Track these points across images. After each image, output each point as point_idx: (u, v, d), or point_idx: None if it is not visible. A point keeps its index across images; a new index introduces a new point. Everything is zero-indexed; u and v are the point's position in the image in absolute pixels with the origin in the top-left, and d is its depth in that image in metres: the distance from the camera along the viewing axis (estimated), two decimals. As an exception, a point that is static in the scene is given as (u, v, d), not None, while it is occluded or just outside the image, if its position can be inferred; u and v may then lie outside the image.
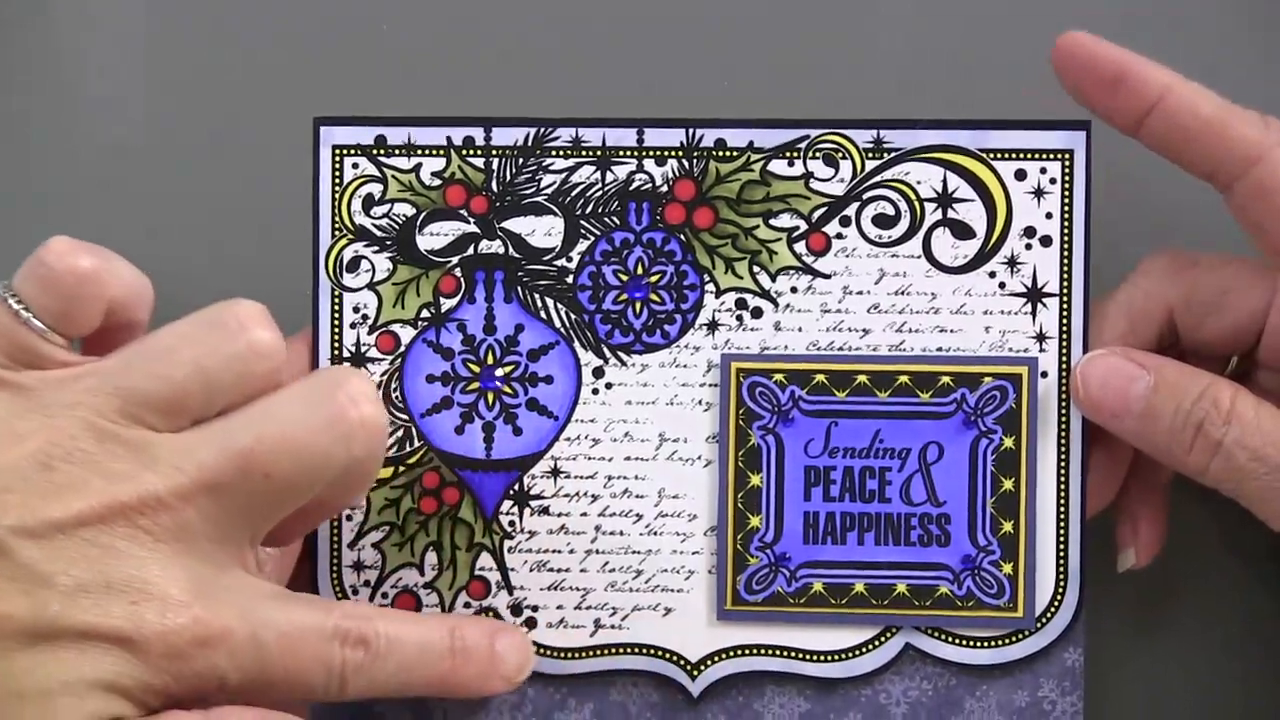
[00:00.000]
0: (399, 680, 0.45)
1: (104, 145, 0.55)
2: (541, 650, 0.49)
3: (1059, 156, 0.49)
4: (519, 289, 0.49)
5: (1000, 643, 0.49)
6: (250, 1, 0.55)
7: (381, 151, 0.50)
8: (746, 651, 0.49)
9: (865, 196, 0.49)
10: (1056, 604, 0.49)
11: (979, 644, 0.49)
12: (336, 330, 0.50)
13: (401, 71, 0.54)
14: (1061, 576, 0.49)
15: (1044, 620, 0.49)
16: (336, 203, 0.50)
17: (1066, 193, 0.49)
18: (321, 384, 0.43)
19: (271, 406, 0.43)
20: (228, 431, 0.42)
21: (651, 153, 0.49)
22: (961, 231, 0.49)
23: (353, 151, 0.50)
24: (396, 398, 0.50)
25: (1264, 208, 0.47)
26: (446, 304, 0.50)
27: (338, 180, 0.49)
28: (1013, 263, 0.49)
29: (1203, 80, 0.47)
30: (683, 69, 0.54)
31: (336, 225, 0.50)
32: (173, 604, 0.41)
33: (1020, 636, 0.49)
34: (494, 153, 0.49)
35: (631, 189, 0.49)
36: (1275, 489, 0.46)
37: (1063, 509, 0.49)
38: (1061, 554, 0.49)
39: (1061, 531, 0.49)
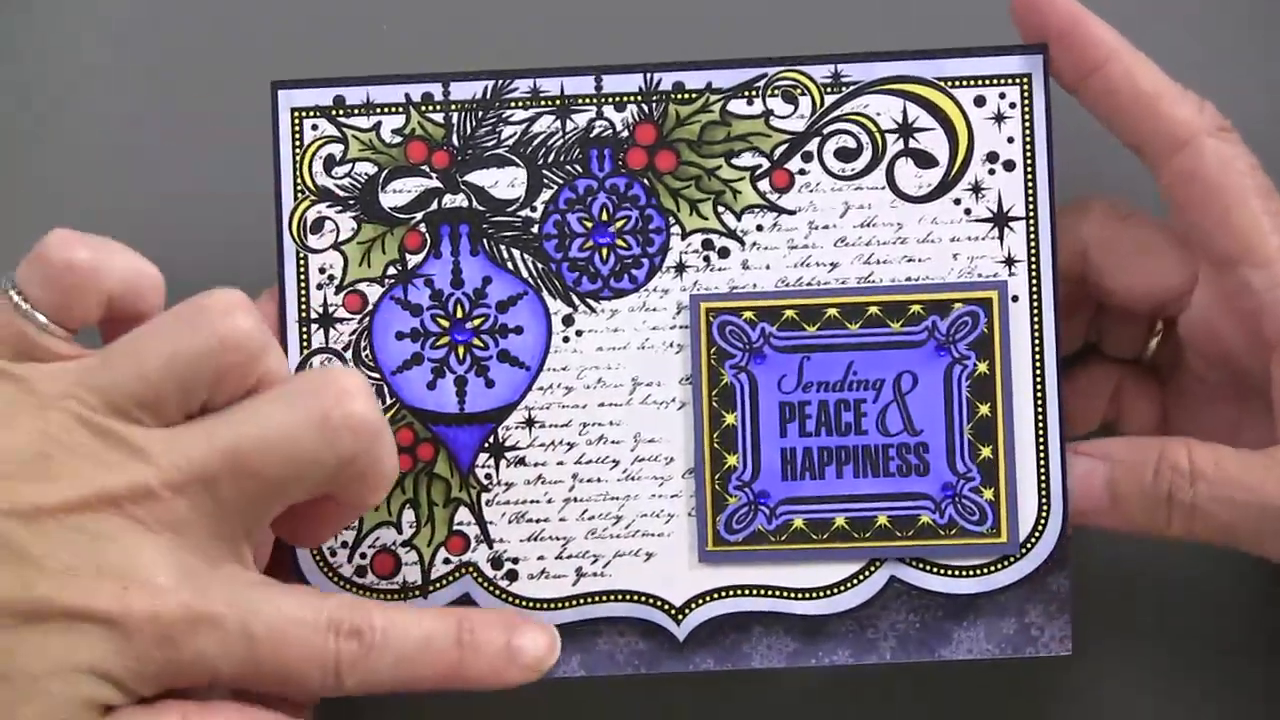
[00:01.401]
0: (401, 674, 0.44)
1: (66, 116, 0.55)
2: (524, 602, 0.49)
3: (1017, 81, 0.49)
4: (485, 241, 0.49)
5: (985, 570, 0.48)
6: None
7: (340, 112, 0.49)
8: (730, 593, 0.49)
9: (826, 131, 0.49)
10: (1040, 529, 0.48)
11: (964, 573, 0.48)
12: (303, 292, 0.49)
13: (357, 32, 0.54)
14: (1044, 500, 0.48)
15: (1028, 546, 0.48)
16: (297, 165, 0.49)
17: (1027, 116, 0.49)
18: (310, 383, 0.43)
19: (260, 404, 0.43)
20: (216, 427, 0.42)
21: (610, 99, 0.49)
22: (924, 161, 0.49)
23: (312, 113, 0.49)
24: (366, 356, 0.49)
25: (1185, 193, 0.47)
26: (413, 260, 0.49)
27: (298, 142, 0.49)
28: (977, 189, 0.49)
29: (1204, 79, 0.47)
30: (638, 13, 0.54)
31: (299, 187, 0.49)
32: (161, 589, 0.41)
33: (1005, 563, 0.48)
34: (453, 107, 0.49)
35: (592, 136, 0.49)
36: (1263, 528, 0.45)
37: (1041, 432, 0.48)
38: (1043, 478, 0.48)
39: (1042, 455, 0.48)
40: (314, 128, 0.49)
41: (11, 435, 0.41)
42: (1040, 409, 0.48)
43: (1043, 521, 0.48)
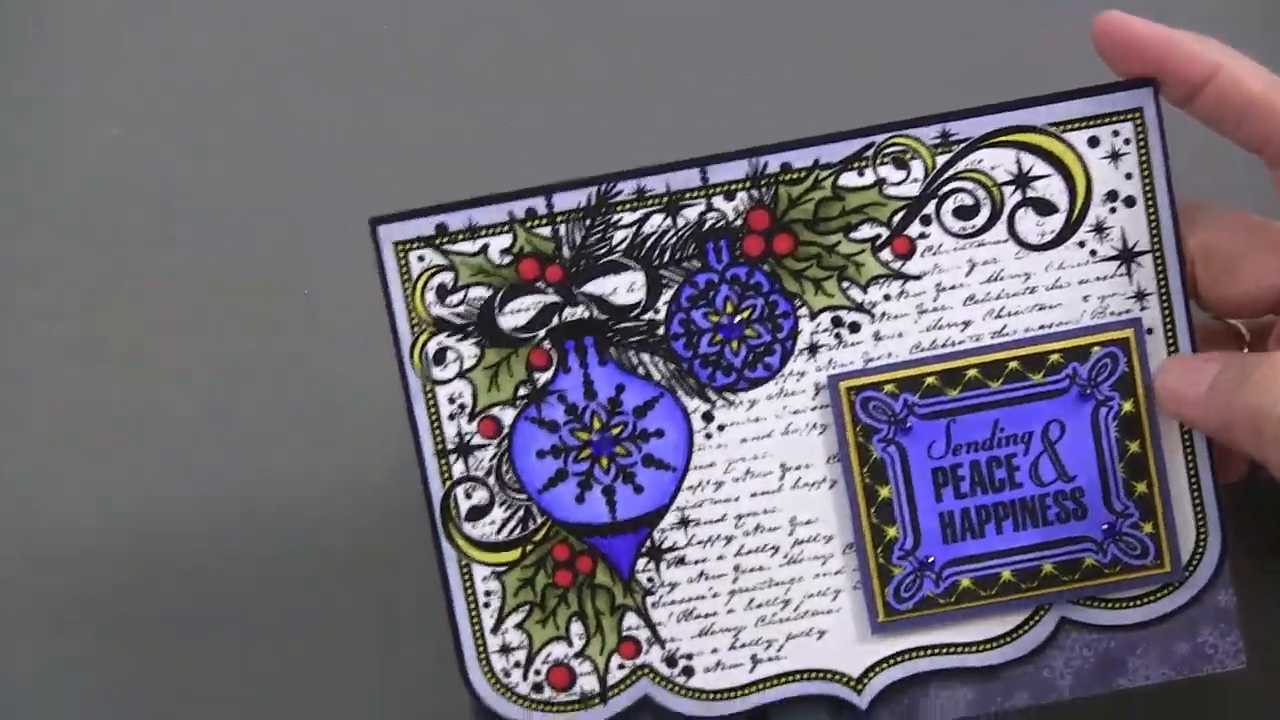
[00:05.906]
0: None
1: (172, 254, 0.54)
2: (704, 695, 0.50)
3: (1129, 116, 0.48)
4: (612, 349, 0.49)
5: (1152, 598, 0.49)
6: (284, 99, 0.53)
7: (444, 239, 0.48)
8: (906, 656, 0.50)
9: (942, 192, 0.48)
10: (1200, 551, 0.49)
11: (1131, 603, 0.49)
12: (436, 424, 0.49)
13: (453, 157, 0.53)
14: (1201, 523, 0.49)
15: (1190, 569, 0.49)
16: (409, 298, 0.48)
17: (1142, 150, 0.48)
18: None
19: None
20: None
21: (718, 189, 0.48)
22: (1044, 208, 0.48)
23: (415, 245, 0.48)
24: (510, 479, 0.49)
25: None
26: (542, 378, 0.49)
27: (406, 276, 0.48)
28: (1100, 229, 0.48)
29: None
30: (735, 98, 0.52)
31: (414, 321, 0.49)
32: None
33: (1169, 590, 0.49)
34: (559, 219, 0.48)
35: (705, 229, 0.48)
36: None
37: (1190, 458, 0.49)
38: (1197, 502, 0.49)
39: (1193, 480, 0.49)
40: (420, 259, 0.48)
41: None
42: (1187, 434, 0.49)
43: (1202, 543, 0.49)
